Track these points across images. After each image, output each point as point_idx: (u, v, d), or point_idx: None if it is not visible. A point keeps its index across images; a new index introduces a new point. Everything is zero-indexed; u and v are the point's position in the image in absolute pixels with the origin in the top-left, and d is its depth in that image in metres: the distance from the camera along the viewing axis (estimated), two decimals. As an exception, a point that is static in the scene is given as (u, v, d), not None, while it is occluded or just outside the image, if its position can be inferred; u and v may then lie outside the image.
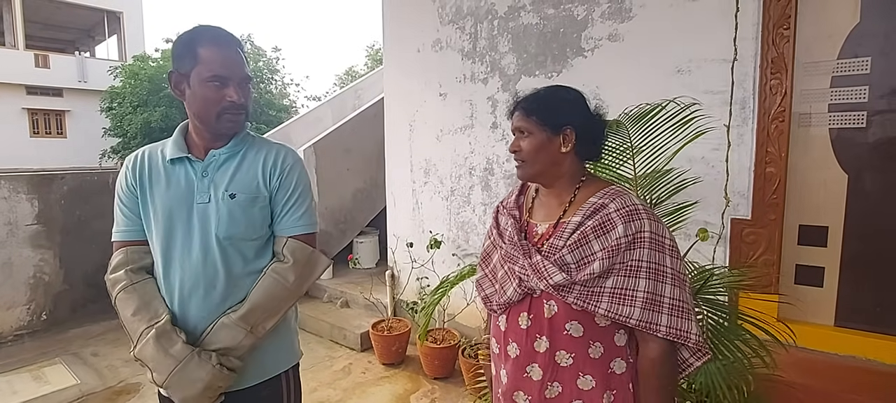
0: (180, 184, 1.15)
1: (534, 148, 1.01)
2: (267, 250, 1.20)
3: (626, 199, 0.98)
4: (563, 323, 0.98)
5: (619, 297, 0.93)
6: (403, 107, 3.47)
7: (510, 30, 2.87)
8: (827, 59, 2.08)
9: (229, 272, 1.14)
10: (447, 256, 3.23)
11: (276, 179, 1.18)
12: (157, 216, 1.15)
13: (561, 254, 0.96)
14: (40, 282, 3.77)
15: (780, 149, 2.12)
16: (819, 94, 2.11)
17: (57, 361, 3.32)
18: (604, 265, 0.93)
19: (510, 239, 1.06)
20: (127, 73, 12.64)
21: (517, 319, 1.03)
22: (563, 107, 1.02)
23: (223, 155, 1.17)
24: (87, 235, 3.94)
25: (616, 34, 2.46)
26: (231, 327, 1.11)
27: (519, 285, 1.01)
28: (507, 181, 2.97)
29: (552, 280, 0.95)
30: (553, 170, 1.03)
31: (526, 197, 1.15)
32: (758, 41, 2.12)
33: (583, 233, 0.96)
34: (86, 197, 3.96)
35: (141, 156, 1.19)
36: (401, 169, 3.54)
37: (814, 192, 2.15)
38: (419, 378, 3.03)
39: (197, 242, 1.13)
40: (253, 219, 1.16)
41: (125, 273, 1.15)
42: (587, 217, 0.97)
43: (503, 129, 2.95)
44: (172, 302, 1.15)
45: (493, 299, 1.09)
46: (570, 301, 0.95)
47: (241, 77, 1.12)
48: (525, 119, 1.02)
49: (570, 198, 1.03)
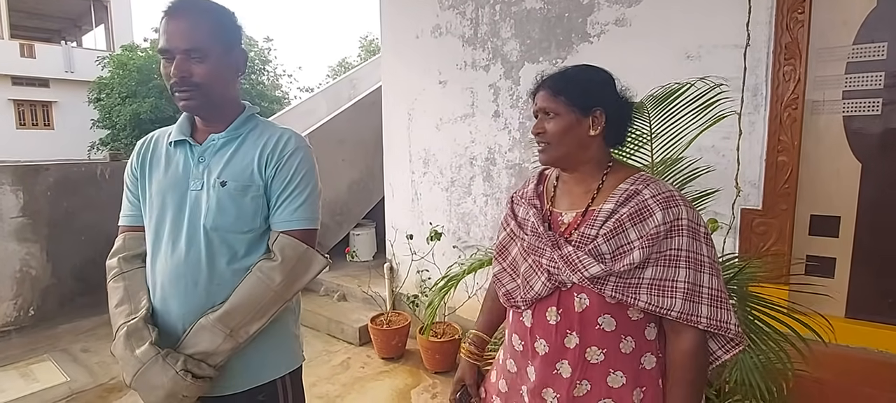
0: (178, 168, 1.09)
1: (560, 130, 0.94)
2: (259, 246, 1.10)
3: (661, 185, 0.92)
4: (595, 317, 0.92)
5: (658, 288, 0.88)
6: (402, 95, 3.38)
7: (513, 15, 2.78)
8: (842, 44, 2.02)
9: (213, 266, 1.05)
10: (447, 248, 3.16)
11: (273, 166, 1.08)
12: (151, 201, 1.09)
13: (595, 244, 0.90)
14: (27, 277, 3.65)
15: (793, 138, 2.06)
16: (833, 81, 2.05)
17: (46, 358, 3.22)
18: (644, 254, 0.87)
19: (533, 231, 1.00)
20: (115, 64, 12.39)
21: (545, 314, 0.96)
22: (594, 88, 0.95)
23: (221, 139, 1.09)
24: (75, 228, 3.82)
25: (623, 19, 2.39)
26: (209, 329, 1.02)
27: (548, 279, 0.94)
28: (509, 171, 2.90)
29: (588, 272, 0.89)
30: (579, 155, 0.97)
31: (545, 185, 1.08)
32: (771, 26, 2.05)
33: (618, 221, 0.90)
34: (73, 188, 3.83)
35: (149, 139, 1.16)
36: (399, 159, 3.46)
37: (826, 181, 2.09)
38: (419, 373, 2.97)
39: (184, 231, 1.06)
40: (244, 210, 1.06)
41: (118, 260, 1.12)
42: (620, 204, 0.91)
43: (505, 118, 2.87)
44: (154, 296, 1.08)
45: (517, 295, 1.02)
46: (607, 293, 0.89)
47: (184, 49, 0.99)
48: (552, 99, 0.95)
49: (597, 185, 0.97)
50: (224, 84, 1.07)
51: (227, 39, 1.05)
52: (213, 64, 1.02)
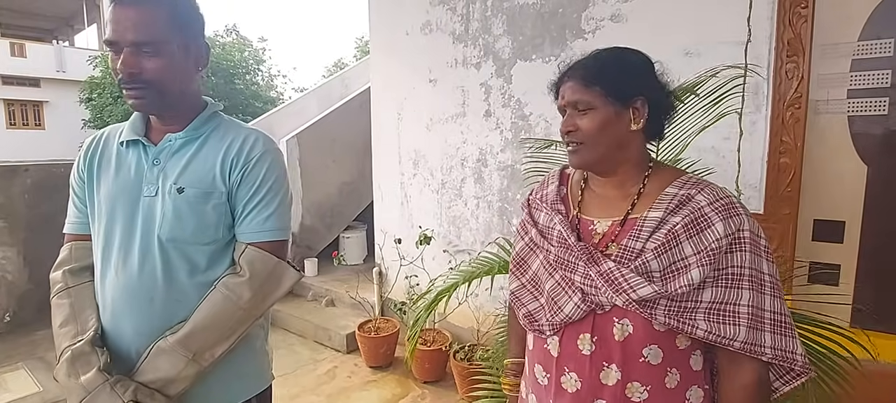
0: (130, 171, 0.97)
1: (597, 126, 0.80)
2: (223, 258, 0.98)
3: (717, 190, 0.79)
4: (640, 347, 0.77)
5: (718, 314, 0.74)
6: (391, 94, 3.27)
7: (505, 10, 2.68)
8: (847, 40, 1.93)
9: (171, 282, 0.94)
10: (437, 253, 3.05)
11: (238, 171, 0.96)
12: (100, 208, 0.98)
13: (643, 260, 0.75)
14: (3, 282, 3.52)
15: (796, 138, 1.97)
16: (838, 79, 1.96)
17: (20, 366, 3.09)
18: (703, 272, 0.73)
19: (561, 241, 0.84)
20: (107, 63, 12.23)
21: (576, 343, 0.81)
22: (633, 74, 0.81)
23: (179, 140, 0.97)
24: (55, 231, 3.62)
25: (619, 14, 2.29)
26: (169, 353, 0.90)
27: (582, 300, 0.80)
28: (501, 172, 2.80)
29: (637, 293, 0.74)
30: (618, 154, 0.83)
31: (569, 187, 0.94)
32: (773, 21, 1.96)
33: (672, 233, 0.75)
34: (52, 190, 3.70)
35: (97, 140, 1.04)
36: (388, 160, 3.35)
37: (830, 185, 2.00)
38: (408, 382, 2.86)
39: (137, 242, 0.94)
40: (204, 220, 0.95)
41: (63, 274, 1.01)
42: (671, 212, 0.77)
43: (497, 118, 2.77)
44: (104, 314, 0.97)
45: (540, 317, 0.86)
46: (659, 319, 0.75)
47: (133, 41, 0.87)
48: (585, 90, 0.80)
49: (638, 189, 0.83)
50: (180, 81, 0.94)
51: (185, 30, 0.93)
52: (168, 59, 0.90)
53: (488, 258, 1.67)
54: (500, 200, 2.82)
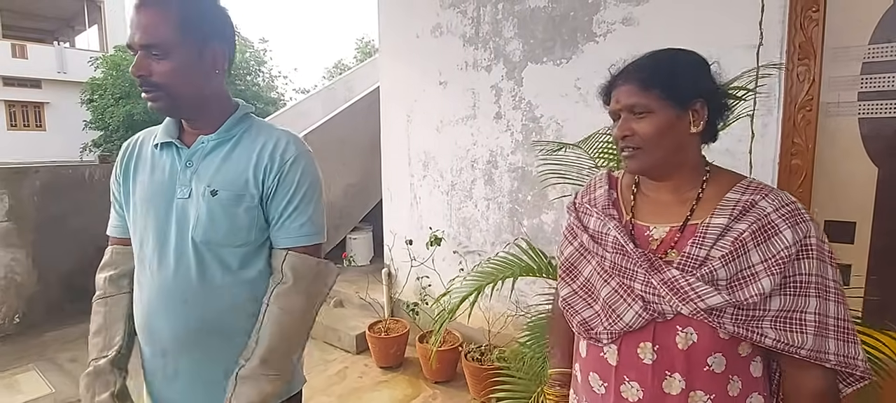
0: (164, 173, 0.98)
1: (657, 130, 0.78)
2: (256, 259, 0.99)
3: (782, 196, 0.77)
4: (704, 356, 0.76)
5: (785, 322, 0.73)
6: (401, 96, 3.29)
7: (516, 13, 2.70)
8: (858, 44, 1.95)
9: (204, 283, 0.95)
10: (448, 254, 3.07)
11: (274, 177, 0.96)
12: (136, 210, 1.00)
13: (710, 268, 0.74)
14: (12, 283, 3.53)
15: (807, 140, 1.99)
16: (848, 82, 1.98)
17: (31, 368, 3.10)
18: (775, 281, 0.72)
19: (617, 247, 0.83)
20: (108, 64, 12.24)
21: (636, 351, 0.80)
22: (691, 75, 0.80)
23: (213, 142, 0.98)
24: (63, 233, 3.71)
25: (631, 18, 2.31)
26: (254, 378, 0.93)
27: (644, 309, 0.78)
28: (511, 174, 2.82)
29: (706, 302, 0.73)
30: (675, 159, 0.81)
31: (619, 191, 0.92)
32: (785, 25, 1.98)
33: (739, 241, 0.74)
34: (61, 192, 3.72)
35: (134, 143, 1.06)
36: (398, 162, 3.37)
37: (841, 186, 2.03)
38: (419, 383, 2.88)
39: (172, 243, 0.95)
40: (237, 222, 0.95)
41: (105, 280, 1.05)
42: (735, 218, 0.76)
43: (508, 120, 2.79)
44: (139, 315, 0.99)
45: (596, 325, 0.84)
46: (727, 328, 0.74)
47: (144, 43, 0.88)
48: (642, 93, 0.78)
49: (696, 194, 0.81)
50: (192, 84, 0.93)
51: (198, 34, 0.91)
52: (177, 62, 0.89)
53: (508, 259, 1.69)
54: (511, 201, 2.84)
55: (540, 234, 2.68)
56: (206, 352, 0.98)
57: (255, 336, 0.96)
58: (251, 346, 0.95)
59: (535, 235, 2.70)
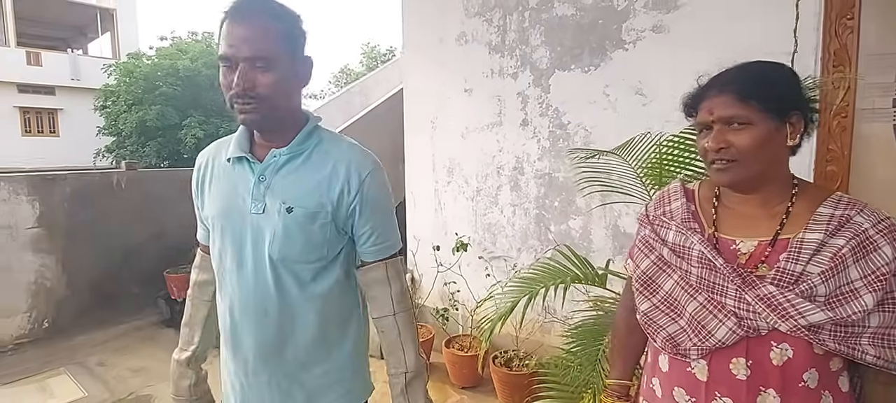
0: (237, 188, 0.99)
1: (755, 143, 0.77)
2: (328, 273, 1.01)
3: (875, 211, 0.77)
4: (800, 371, 0.76)
5: (884, 339, 0.73)
6: (425, 103, 3.32)
7: (543, 21, 2.73)
8: (893, 50, 1.96)
9: (283, 296, 0.98)
10: (473, 259, 3.09)
11: (355, 195, 0.98)
12: (213, 223, 1.01)
13: (810, 284, 0.73)
14: (42, 289, 3.58)
15: (843, 147, 2.00)
16: (884, 88, 1.98)
17: (62, 371, 3.15)
18: (877, 297, 0.72)
19: (704, 262, 0.82)
20: (121, 71, 12.36)
21: (728, 367, 0.79)
22: (787, 87, 0.79)
23: (285, 156, 0.97)
24: (92, 239, 3.76)
25: (661, 25, 2.33)
26: (418, 385, 1.04)
27: (738, 325, 0.77)
28: (538, 181, 2.84)
29: (808, 319, 0.72)
30: (770, 172, 0.80)
31: (696, 203, 0.91)
32: (819, 32, 2.00)
33: (839, 257, 0.73)
34: (89, 198, 3.78)
35: (208, 156, 1.08)
36: (422, 168, 3.40)
37: (877, 192, 2.03)
38: (446, 388, 2.89)
39: (249, 258, 0.97)
40: (311, 239, 0.96)
41: (194, 283, 1.16)
42: (831, 234, 0.75)
43: (534, 127, 2.82)
44: (226, 323, 1.02)
45: (684, 341, 0.83)
46: (827, 344, 0.74)
47: (250, 56, 0.88)
48: (740, 104, 0.77)
49: (785, 207, 0.81)
50: (289, 96, 0.96)
51: (294, 46, 0.94)
52: (280, 74, 0.90)
53: (552, 267, 1.70)
54: (538, 207, 2.86)
55: (568, 240, 2.69)
56: (281, 365, 1.01)
57: (398, 345, 1.03)
58: (399, 355, 1.03)
59: (563, 241, 2.71)
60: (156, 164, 11.11)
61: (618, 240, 2.55)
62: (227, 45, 0.89)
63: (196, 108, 11.80)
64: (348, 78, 16.92)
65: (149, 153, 11.41)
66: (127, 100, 12.09)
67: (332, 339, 1.04)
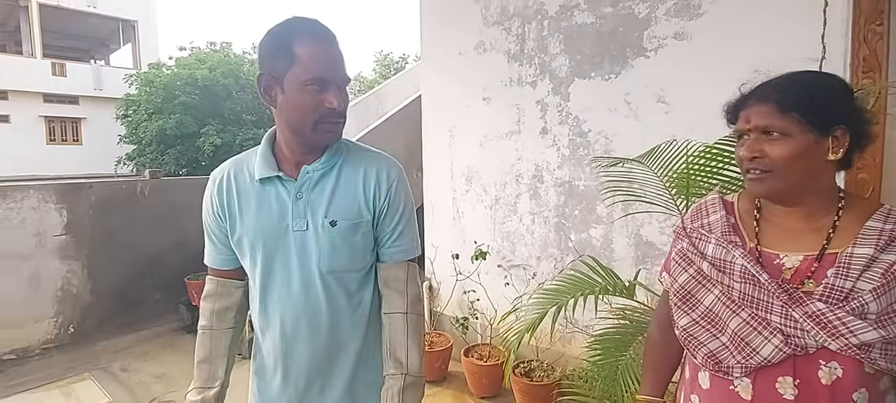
0: (272, 208, 1.00)
1: (791, 155, 0.75)
2: (369, 279, 1.06)
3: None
4: (850, 391, 0.74)
5: None
6: (443, 111, 3.34)
7: (562, 30, 2.73)
8: (925, 56, 1.92)
9: (333, 308, 1.01)
10: (492, 268, 3.08)
11: (384, 201, 1.02)
12: (251, 245, 1.01)
13: (861, 301, 0.71)
14: (68, 295, 3.66)
15: (874, 154, 1.96)
16: (916, 95, 1.94)
17: (86, 377, 3.20)
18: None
19: (746, 276, 0.80)
20: (142, 81, 12.68)
21: (774, 386, 0.77)
22: (834, 100, 0.77)
23: (318, 171, 1.00)
24: (116, 246, 3.84)
25: (683, 32, 2.32)
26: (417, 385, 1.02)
27: (785, 343, 0.75)
28: (557, 189, 2.82)
29: (860, 338, 0.70)
30: (807, 185, 0.78)
31: (736, 215, 0.89)
32: (848, 38, 1.96)
33: (891, 272, 0.71)
34: (115, 206, 3.86)
35: (227, 177, 1.04)
36: (440, 176, 3.40)
37: (910, 201, 1.98)
38: (465, 397, 2.88)
39: (296, 275, 0.99)
40: (356, 248, 1.00)
41: (211, 313, 1.09)
42: (882, 249, 0.73)
43: (554, 135, 2.81)
44: (275, 340, 1.02)
45: (727, 358, 0.81)
46: (880, 364, 0.72)
47: (343, 78, 0.96)
48: (779, 115, 0.76)
49: (831, 220, 0.79)
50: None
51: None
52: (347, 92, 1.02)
53: (577, 278, 1.69)
54: (557, 216, 2.84)
55: (588, 249, 2.67)
56: (336, 369, 1.04)
57: (403, 344, 1.02)
58: (402, 356, 1.02)
59: (584, 250, 2.69)
60: (175, 172, 11.32)
61: (641, 250, 2.52)
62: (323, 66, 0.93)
63: (214, 117, 12.02)
64: (362, 86, 17.06)
65: (168, 161, 11.64)
66: (147, 109, 12.38)
67: (375, 339, 1.07)
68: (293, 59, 0.91)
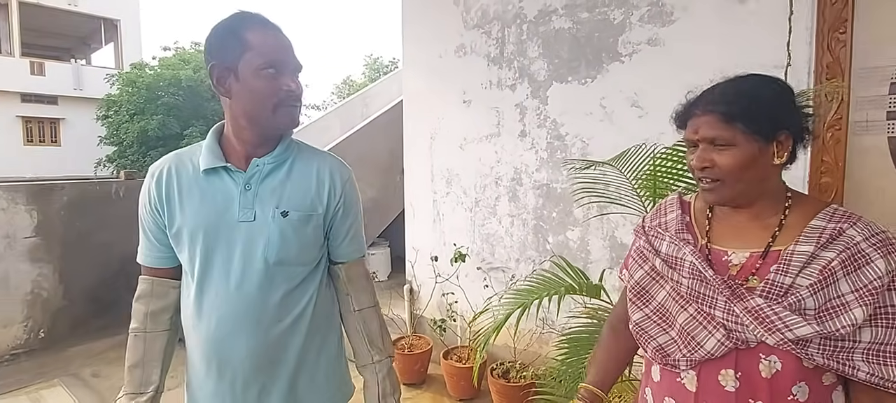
0: (217, 198, 0.98)
1: (739, 164, 0.77)
2: (314, 276, 1.05)
3: (871, 225, 0.76)
4: (789, 385, 0.75)
5: (878, 355, 0.72)
6: (424, 114, 3.35)
7: (540, 34, 2.76)
8: (885, 64, 1.98)
9: (273, 303, 0.98)
10: (471, 270, 3.09)
11: (338, 199, 1.04)
12: (191, 236, 0.97)
13: (798, 297, 0.72)
14: (38, 298, 3.57)
15: (837, 158, 2.01)
16: (877, 101, 2.00)
17: (56, 383, 3.13)
18: (867, 311, 0.71)
19: (694, 273, 0.82)
20: (124, 81, 12.46)
21: (717, 378, 0.79)
22: (776, 107, 0.78)
23: (268, 164, 0.99)
24: (88, 248, 3.76)
25: (656, 38, 2.36)
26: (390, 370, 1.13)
27: (726, 337, 0.77)
28: (536, 191, 2.85)
29: (795, 332, 0.71)
30: (756, 189, 0.80)
31: (691, 214, 0.91)
32: (812, 46, 2.02)
33: (828, 270, 0.72)
34: (87, 208, 3.78)
35: (167, 170, 1.00)
36: (420, 179, 3.41)
37: (871, 202, 2.03)
38: (444, 400, 2.87)
39: (237, 268, 0.96)
40: (306, 241, 1.00)
41: (144, 315, 1.04)
42: (822, 247, 0.74)
43: (533, 138, 2.83)
44: (209, 337, 0.98)
45: (674, 352, 0.83)
46: (815, 359, 0.73)
47: (296, 64, 0.98)
48: (724, 125, 0.77)
49: (778, 220, 0.80)
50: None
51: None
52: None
53: (547, 278, 1.70)
54: (536, 218, 2.86)
55: (566, 251, 2.69)
56: (275, 370, 1.01)
57: (379, 333, 1.10)
58: (380, 342, 1.10)
59: (561, 252, 2.71)
60: (156, 174, 11.12)
61: (615, 251, 2.55)
62: (276, 50, 0.94)
63: (198, 118, 11.87)
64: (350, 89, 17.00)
65: (150, 163, 11.35)
66: (129, 109, 12.17)
67: (318, 344, 1.06)
68: (245, 46, 0.91)
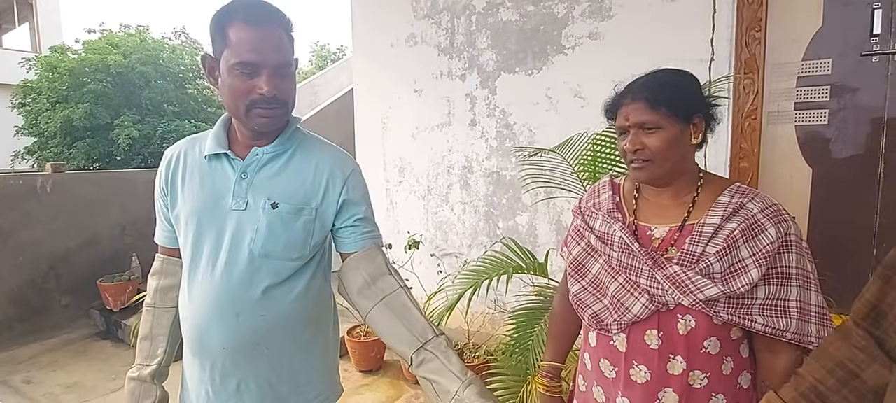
0: (215, 185, 0.98)
1: (666, 144, 0.88)
2: (306, 271, 1.02)
3: (766, 198, 0.88)
4: (701, 339, 0.87)
5: (771, 308, 0.85)
6: (375, 104, 3.35)
7: (489, 26, 2.83)
8: (793, 60, 2.22)
9: (258, 295, 0.96)
10: (425, 257, 3.15)
11: (342, 192, 1.00)
12: (186, 221, 0.98)
13: (707, 263, 0.85)
14: (-46, 303, 3.28)
15: (753, 145, 2.24)
16: (786, 94, 2.24)
17: (-20, 392, 2.90)
18: (761, 272, 0.83)
19: (623, 247, 0.93)
20: (42, 66, 11.35)
21: (643, 338, 0.90)
22: (691, 93, 0.91)
23: (268, 154, 0.98)
24: (12, 247, 3.47)
25: (596, 32, 2.50)
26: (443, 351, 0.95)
27: (650, 301, 0.88)
28: (486, 179, 2.94)
29: (705, 294, 0.84)
30: (679, 167, 0.91)
31: (621, 195, 1.02)
32: (732, 42, 2.22)
33: (731, 238, 0.85)
34: (9, 203, 3.48)
35: (177, 154, 1.03)
36: (373, 168, 3.41)
37: (783, 185, 2.28)
38: (401, 384, 2.93)
39: (223, 255, 0.95)
40: (294, 236, 0.97)
41: (155, 291, 1.10)
42: (726, 219, 0.87)
43: (482, 127, 2.92)
44: (190, 326, 0.99)
45: (607, 317, 0.94)
46: (721, 315, 0.85)
47: (277, 63, 0.90)
48: (651, 111, 0.88)
49: (692, 197, 0.92)
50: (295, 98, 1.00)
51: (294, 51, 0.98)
52: (293, 77, 0.96)
53: (497, 259, 1.79)
54: (486, 205, 2.96)
55: (515, 235, 2.81)
56: (254, 366, 0.99)
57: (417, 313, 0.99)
58: (424, 323, 0.98)
59: (511, 236, 2.82)
60: (85, 167, 10.31)
61: (560, 234, 2.69)
62: (250, 49, 0.88)
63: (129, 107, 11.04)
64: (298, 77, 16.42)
65: (76, 155, 10.55)
66: (50, 97, 11.12)
67: (304, 342, 1.04)
68: (226, 41, 0.90)
